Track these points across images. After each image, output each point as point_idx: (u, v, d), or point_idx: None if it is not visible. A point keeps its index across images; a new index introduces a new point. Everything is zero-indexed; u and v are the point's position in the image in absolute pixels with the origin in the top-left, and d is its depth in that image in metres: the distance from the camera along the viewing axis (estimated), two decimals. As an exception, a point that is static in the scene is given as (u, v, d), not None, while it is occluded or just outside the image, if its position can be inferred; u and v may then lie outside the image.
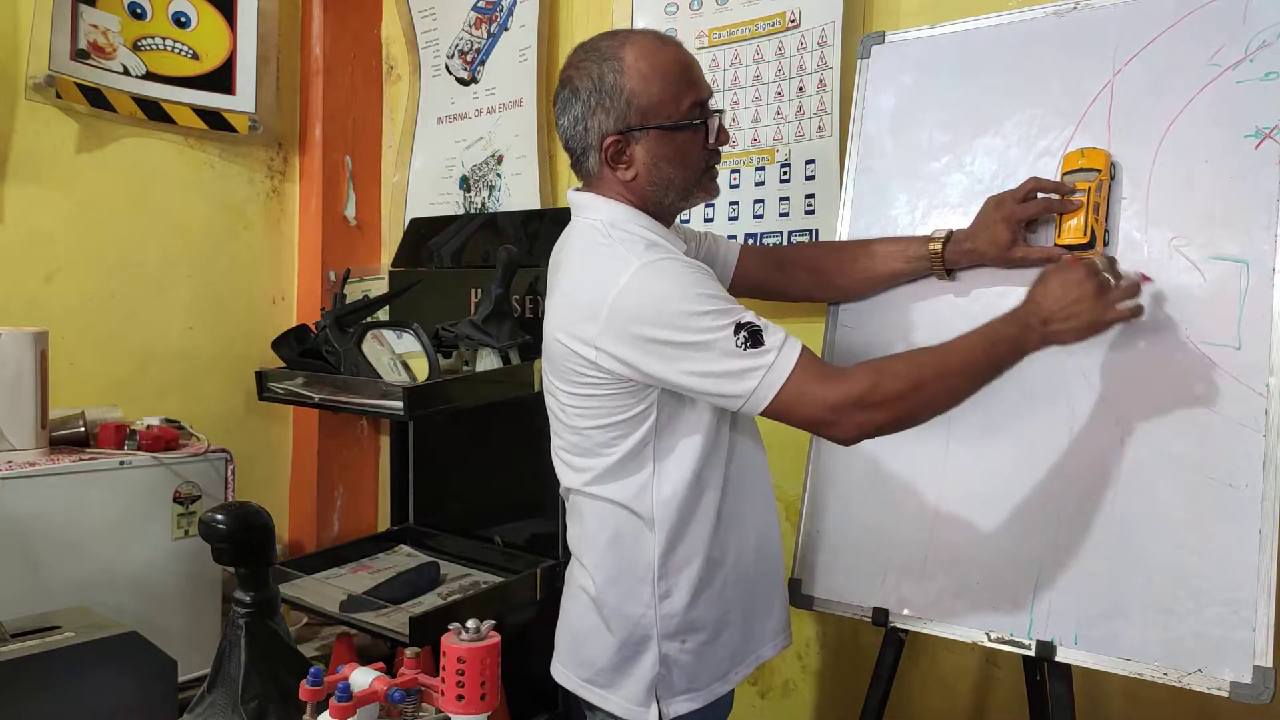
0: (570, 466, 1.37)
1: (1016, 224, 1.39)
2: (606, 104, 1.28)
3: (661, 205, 1.33)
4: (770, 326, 1.20)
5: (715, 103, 1.36)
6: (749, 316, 1.20)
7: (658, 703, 1.31)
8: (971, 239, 1.43)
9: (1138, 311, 1.28)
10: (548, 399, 1.40)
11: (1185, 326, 1.30)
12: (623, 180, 1.31)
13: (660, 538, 1.30)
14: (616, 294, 1.20)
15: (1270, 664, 1.18)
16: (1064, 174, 1.38)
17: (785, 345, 1.19)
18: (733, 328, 1.18)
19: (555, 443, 1.40)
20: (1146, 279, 1.32)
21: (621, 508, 1.31)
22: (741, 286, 1.55)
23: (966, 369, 1.22)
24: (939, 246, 1.45)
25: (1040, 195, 1.38)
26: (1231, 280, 1.28)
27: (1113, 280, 1.27)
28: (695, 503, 1.30)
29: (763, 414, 1.21)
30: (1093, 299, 1.24)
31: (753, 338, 1.17)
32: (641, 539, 1.30)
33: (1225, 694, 1.19)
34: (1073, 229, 1.35)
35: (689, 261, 1.26)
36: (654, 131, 1.29)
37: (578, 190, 1.37)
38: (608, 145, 1.29)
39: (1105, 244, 1.36)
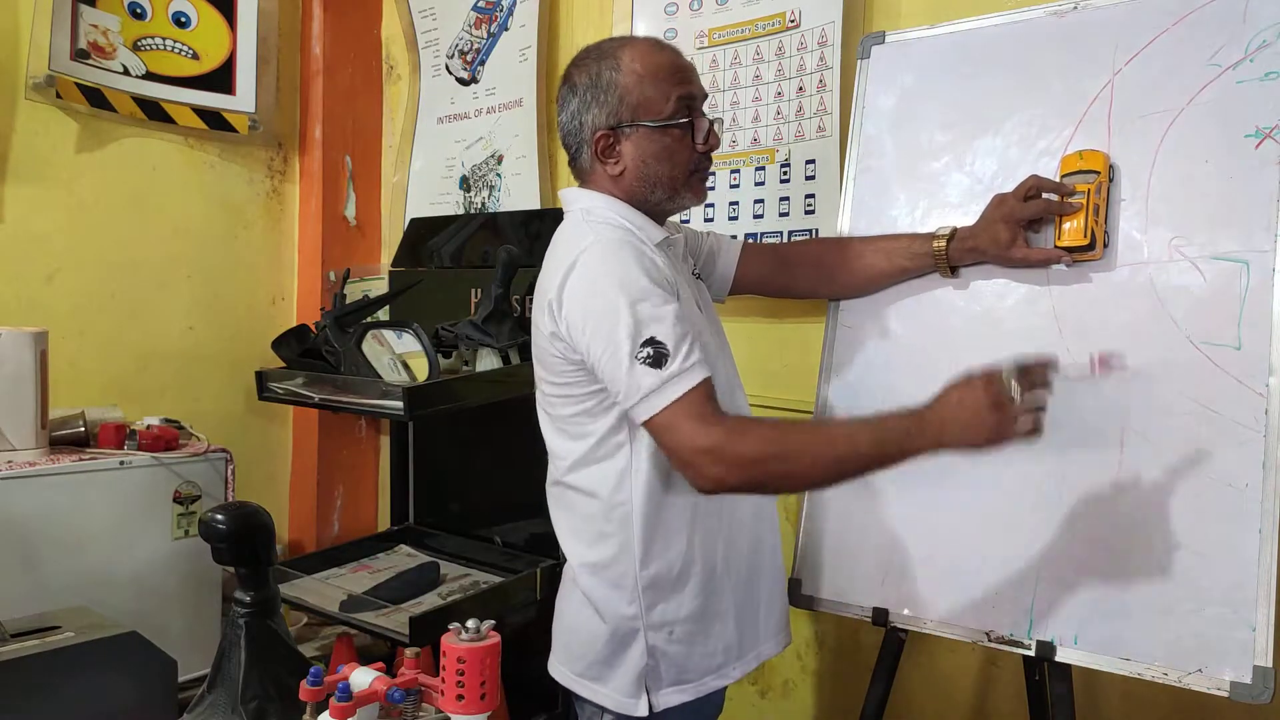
0: (555, 455, 1.39)
1: (1017, 223, 1.38)
2: (600, 99, 1.32)
3: (649, 203, 1.36)
4: (684, 351, 1.18)
5: (713, 109, 1.37)
6: (665, 332, 1.18)
7: (647, 694, 1.32)
8: (974, 237, 1.43)
9: (1036, 430, 1.18)
10: (537, 394, 1.42)
11: (1185, 326, 1.30)
12: (611, 176, 1.35)
13: (639, 525, 1.30)
14: (568, 268, 1.25)
15: (1270, 664, 1.18)
16: (1062, 176, 1.38)
17: (684, 375, 1.16)
18: (643, 340, 1.17)
19: (544, 436, 1.42)
20: (1105, 364, 1.30)
21: (601, 496, 1.32)
22: (744, 284, 1.55)
23: (843, 454, 1.17)
24: (943, 244, 1.45)
25: (1043, 195, 1.37)
26: (1231, 280, 1.28)
27: (1016, 397, 1.17)
28: (672, 490, 1.30)
29: (641, 426, 1.22)
30: (988, 413, 1.15)
31: (657, 359, 1.17)
32: (624, 527, 1.31)
33: (1225, 694, 1.19)
34: (1073, 231, 1.35)
35: (644, 253, 1.27)
36: (643, 129, 1.32)
37: (569, 188, 1.41)
38: (598, 139, 1.33)
39: (1105, 245, 1.36)
